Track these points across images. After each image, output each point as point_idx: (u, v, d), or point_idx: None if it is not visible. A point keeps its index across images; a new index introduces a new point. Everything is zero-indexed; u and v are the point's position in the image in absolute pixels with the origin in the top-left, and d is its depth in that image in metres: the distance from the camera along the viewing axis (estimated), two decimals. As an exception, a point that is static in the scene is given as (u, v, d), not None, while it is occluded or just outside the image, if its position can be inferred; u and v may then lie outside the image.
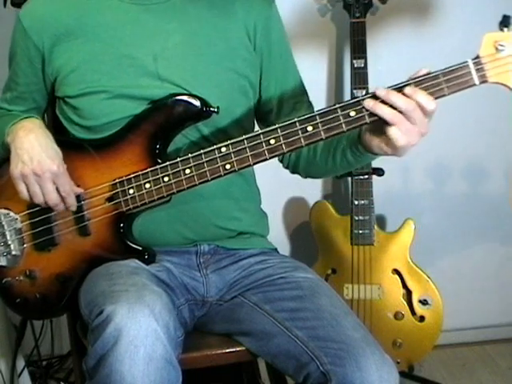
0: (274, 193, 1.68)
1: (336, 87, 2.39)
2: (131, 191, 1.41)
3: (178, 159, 1.38)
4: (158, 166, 1.39)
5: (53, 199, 1.40)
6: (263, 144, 1.33)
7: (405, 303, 2.24)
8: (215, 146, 1.36)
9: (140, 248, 1.45)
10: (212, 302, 1.52)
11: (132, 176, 1.41)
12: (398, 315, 2.24)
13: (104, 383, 1.20)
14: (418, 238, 2.24)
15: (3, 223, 1.50)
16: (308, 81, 1.61)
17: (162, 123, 1.41)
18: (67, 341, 1.72)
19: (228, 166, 1.35)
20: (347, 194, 2.39)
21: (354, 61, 2.15)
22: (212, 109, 1.40)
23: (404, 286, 2.24)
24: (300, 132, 1.31)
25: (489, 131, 2.44)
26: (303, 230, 2.43)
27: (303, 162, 1.54)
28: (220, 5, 1.50)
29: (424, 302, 2.23)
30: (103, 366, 1.20)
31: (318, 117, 1.30)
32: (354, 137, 1.37)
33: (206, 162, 1.36)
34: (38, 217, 1.47)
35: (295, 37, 1.59)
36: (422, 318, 2.24)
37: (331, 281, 2.25)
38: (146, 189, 1.40)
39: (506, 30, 1.22)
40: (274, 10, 1.54)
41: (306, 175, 1.59)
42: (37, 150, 1.39)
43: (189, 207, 1.47)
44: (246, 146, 1.34)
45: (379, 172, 2.19)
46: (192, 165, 1.37)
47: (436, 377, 2.39)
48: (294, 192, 2.42)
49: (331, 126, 1.30)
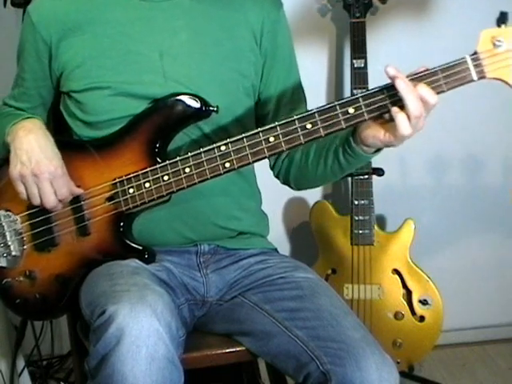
0: (274, 193, 1.67)
1: (336, 87, 2.39)
2: (131, 190, 1.41)
3: (178, 158, 1.38)
4: (157, 166, 1.39)
5: (50, 201, 1.40)
6: (262, 142, 1.33)
7: (405, 303, 2.24)
8: (214, 145, 1.36)
9: (140, 247, 1.45)
10: (212, 302, 1.52)
11: (132, 175, 1.41)
12: (398, 315, 2.24)
13: (106, 383, 1.19)
14: (418, 238, 2.24)
15: (3, 224, 1.50)
16: (308, 80, 1.61)
17: (162, 123, 1.42)
18: (67, 341, 1.72)
19: (227, 165, 1.35)
20: (347, 194, 2.39)
21: (354, 61, 2.15)
22: (211, 108, 1.40)
23: (404, 285, 2.24)
24: (299, 129, 1.31)
25: (488, 128, 2.44)
26: (303, 229, 2.43)
27: (295, 167, 1.53)
28: (228, 5, 1.50)
29: (424, 302, 2.23)
30: (105, 366, 1.20)
31: (316, 114, 1.31)
32: (347, 132, 1.36)
33: (206, 160, 1.36)
34: (38, 217, 1.47)
35: (295, 37, 1.59)
36: (422, 318, 2.24)
37: (331, 281, 2.25)
38: (145, 188, 1.40)
39: (503, 26, 1.23)
40: (281, 15, 1.54)
41: (296, 185, 1.59)
42: (36, 151, 1.39)
43: (189, 206, 1.47)
44: (246, 144, 1.34)
45: (379, 172, 2.19)
46: (191, 164, 1.37)
47: (436, 377, 2.38)
48: (294, 192, 2.40)
49: (330, 123, 1.30)
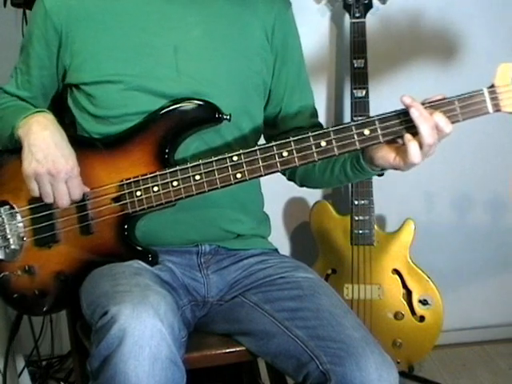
0: (274, 193, 1.67)
1: (336, 87, 2.39)
2: (138, 193, 1.40)
3: (189, 164, 1.37)
4: (167, 170, 1.38)
5: (64, 201, 1.38)
6: (276, 156, 1.33)
7: (405, 303, 2.24)
8: (227, 155, 1.35)
9: (143, 249, 1.44)
10: (212, 303, 1.51)
11: (140, 178, 1.40)
12: (398, 315, 2.24)
13: None
14: (418, 238, 2.24)
15: (3, 216, 1.47)
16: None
17: (173, 127, 1.40)
18: (67, 341, 1.72)
19: (239, 176, 1.35)
20: (347, 194, 2.39)
21: (354, 61, 2.15)
22: (224, 116, 1.39)
23: (404, 286, 2.24)
24: (313, 147, 1.32)
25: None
26: (303, 230, 2.43)
27: (301, 170, 1.53)
28: (242, 2, 1.50)
29: (424, 302, 2.23)
30: (108, 367, 1.19)
31: (332, 133, 1.31)
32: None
33: (217, 169, 1.36)
34: (40, 213, 1.45)
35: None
36: (422, 318, 2.24)
37: (331, 281, 2.25)
38: (153, 192, 1.39)
39: None
40: (290, 13, 1.55)
41: (301, 184, 1.59)
42: (52, 149, 1.35)
43: (195, 209, 1.46)
44: (259, 156, 1.34)
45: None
46: (202, 171, 1.36)
47: (436, 377, 2.38)
48: (294, 192, 2.42)
49: (345, 142, 1.31)
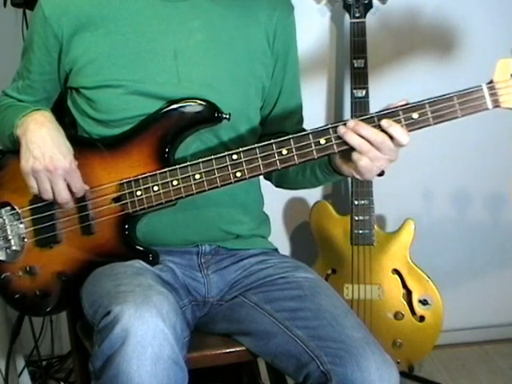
0: (274, 193, 1.67)
1: (336, 87, 2.38)
2: (138, 193, 1.40)
3: (188, 163, 1.37)
4: (167, 169, 1.38)
5: (63, 197, 1.38)
6: (275, 154, 1.34)
7: (405, 303, 2.24)
8: (226, 153, 1.35)
9: (144, 249, 1.44)
10: (213, 303, 1.52)
11: (140, 177, 1.40)
12: (398, 315, 2.24)
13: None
14: (418, 238, 2.24)
15: (4, 217, 1.48)
16: (308, 80, 1.62)
17: (173, 127, 1.40)
18: (67, 341, 1.72)
19: (239, 174, 1.35)
20: (347, 194, 2.39)
21: (354, 61, 2.15)
22: (224, 115, 1.39)
23: (404, 285, 2.24)
24: (313, 144, 1.32)
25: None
26: (303, 230, 2.43)
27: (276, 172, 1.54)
28: (243, 6, 1.50)
29: (424, 302, 2.23)
30: (110, 367, 1.19)
31: (331, 130, 1.31)
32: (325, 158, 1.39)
33: (217, 168, 1.36)
34: (41, 213, 1.45)
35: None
36: (422, 318, 2.24)
37: (331, 281, 2.25)
38: (153, 191, 1.39)
39: None
40: (292, 19, 1.55)
41: (276, 184, 1.61)
42: (49, 146, 1.36)
43: (194, 209, 1.46)
44: (258, 155, 1.34)
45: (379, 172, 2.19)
46: (202, 171, 1.36)
47: (436, 377, 2.38)
48: (294, 192, 2.42)
49: (343, 140, 1.30)
